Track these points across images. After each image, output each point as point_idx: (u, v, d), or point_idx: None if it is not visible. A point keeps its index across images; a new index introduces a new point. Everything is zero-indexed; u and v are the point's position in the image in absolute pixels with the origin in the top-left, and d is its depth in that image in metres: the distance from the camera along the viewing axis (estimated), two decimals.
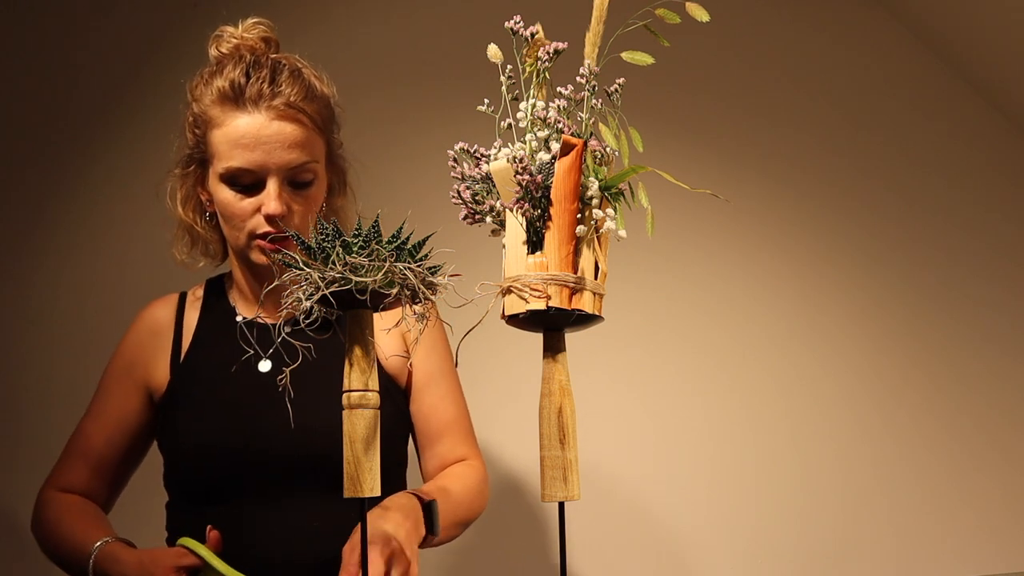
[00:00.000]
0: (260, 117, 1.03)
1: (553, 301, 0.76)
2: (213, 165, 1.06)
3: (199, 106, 1.06)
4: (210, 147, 1.06)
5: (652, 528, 1.71)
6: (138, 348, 1.15)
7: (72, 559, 1.01)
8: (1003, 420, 1.86)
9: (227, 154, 1.03)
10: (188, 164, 1.10)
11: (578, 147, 0.76)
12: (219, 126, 1.04)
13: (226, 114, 1.03)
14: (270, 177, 1.03)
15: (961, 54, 1.95)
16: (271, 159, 1.03)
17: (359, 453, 0.75)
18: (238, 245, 1.08)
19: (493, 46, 0.83)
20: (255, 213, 1.04)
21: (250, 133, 1.02)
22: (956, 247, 1.92)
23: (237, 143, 1.02)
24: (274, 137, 1.03)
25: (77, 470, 1.13)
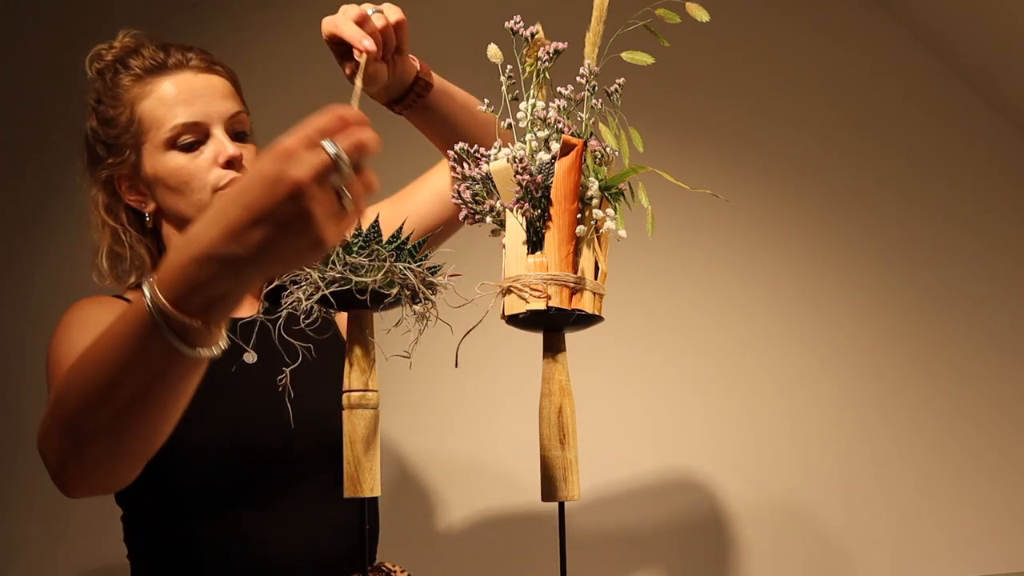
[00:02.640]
0: (187, 74, 1.04)
1: (553, 301, 0.76)
2: (151, 139, 1.03)
3: (113, 94, 1.05)
4: (143, 123, 1.03)
5: (652, 528, 1.71)
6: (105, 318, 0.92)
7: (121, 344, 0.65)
8: (1003, 420, 1.86)
9: (167, 115, 1.02)
10: (118, 153, 1.05)
11: (578, 147, 0.76)
12: (147, 96, 1.03)
13: (152, 84, 1.03)
14: (214, 127, 1.03)
15: (961, 54, 1.95)
16: (211, 108, 1.03)
17: (359, 453, 0.75)
18: (200, 208, 1.02)
19: (493, 46, 0.83)
20: (212, 167, 1.02)
21: (184, 88, 1.03)
22: (956, 247, 1.92)
23: (175, 101, 1.02)
24: (206, 88, 1.04)
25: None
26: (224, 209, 0.58)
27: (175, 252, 0.61)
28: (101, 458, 0.69)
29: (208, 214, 0.60)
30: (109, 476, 0.72)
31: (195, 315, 0.60)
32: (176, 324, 0.60)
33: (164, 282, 0.60)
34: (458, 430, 1.70)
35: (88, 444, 0.68)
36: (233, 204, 0.58)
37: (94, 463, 0.69)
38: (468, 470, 1.69)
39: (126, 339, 0.63)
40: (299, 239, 0.57)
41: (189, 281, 0.59)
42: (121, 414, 0.65)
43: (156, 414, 0.67)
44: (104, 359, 0.64)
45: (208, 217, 0.59)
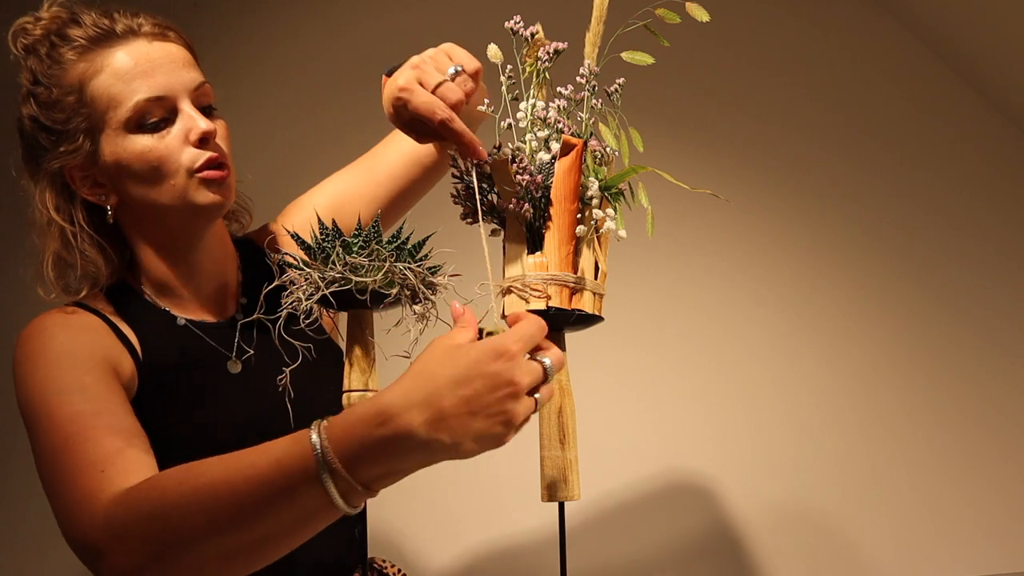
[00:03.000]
0: (140, 42, 0.89)
1: (553, 301, 0.76)
2: (109, 121, 0.88)
3: (54, 73, 0.89)
4: (97, 103, 0.88)
5: (652, 528, 1.71)
6: (87, 342, 0.88)
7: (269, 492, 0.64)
8: (1003, 420, 1.86)
9: (126, 92, 0.87)
10: (70, 140, 0.89)
11: (578, 147, 0.76)
12: (99, 71, 0.88)
13: (102, 56, 0.88)
14: (180, 101, 0.90)
15: (961, 54, 1.95)
16: (173, 79, 0.89)
17: None
18: (175, 196, 0.90)
19: (493, 46, 0.83)
20: (183, 146, 0.89)
21: (141, 59, 0.88)
22: (957, 247, 1.92)
23: (133, 75, 0.87)
24: (164, 57, 0.89)
25: (131, 459, 0.77)
26: (437, 396, 0.61)
27: (361, 418, 0.62)
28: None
29: (411, 391, 0.62)
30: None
31: (366, 484, 0.63)
32: (343, 485, 0.62)
33: (341, 442, 0.62)
34: None
35: (189, 566, 0.66)
36: (450, 394, 0.61)
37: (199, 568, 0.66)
38: (468, 470, 1.69)
39: (277, 484, 0.63)
40: (495, 436, 0.64)
41: (375, 454, 0.62)
42: (246, 548, 0.65)
43: (281, 550, 0.67)
44: (244, 494, 0.63)
45: (414, 397, 0.61)
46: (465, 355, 0.63)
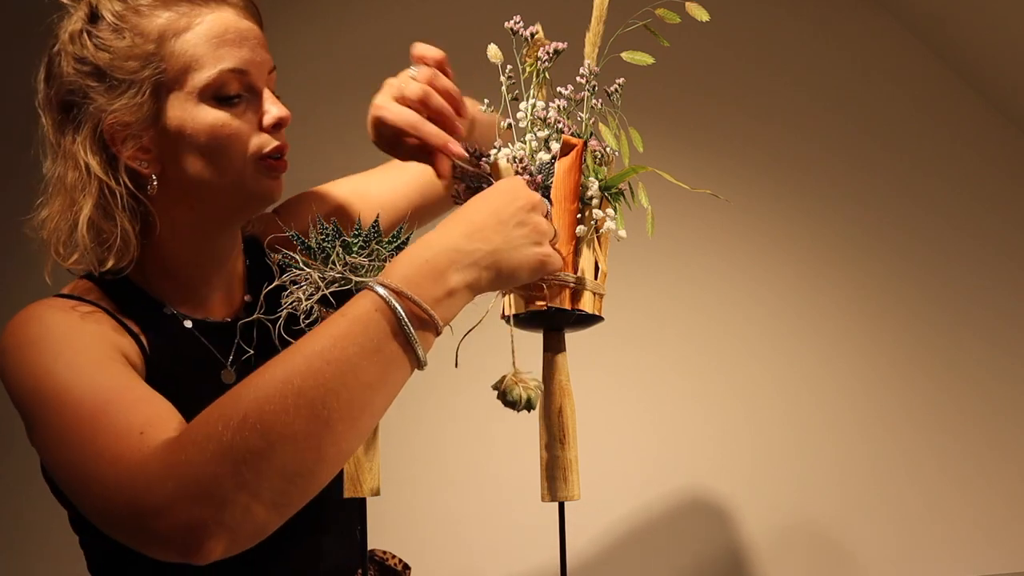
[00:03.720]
0: (229, 13, 0.83)
1: (553, 301, 0.76)
2: (184, 83, 0.80)
3: (127, 17, 0.80)
4: (175, 60, 0.79)
5: (652, 528, 1.71)
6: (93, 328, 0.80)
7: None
8: (1003, 420, 1.86)
9: (211, 57, 0.80)
10: (127, 94, 0.79)
11: (578, 147, 0.76)
12: (186, 29, 0.80)
13: (191, 14, 0.80)
14: (259, 82, 0.84)
15: (962, 54, 1.95)
16: (257, 57, 0.83)
17: (359, 453, 0.75)
18: (234, 180, 0.84)
19: (493, 46, 0.83)
20: (254, 130, 0.83)
21: (231, 27, 0.82)
22: (957, 247, 1.92)
23: (222, 40, 0.80)
24: (251, 32, 0.84)
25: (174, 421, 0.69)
26: (467, 214, 0.68)
27: (407, 252, 0.67)
28: (288, 490, 0.60)
29: (447, 224, 0.68)
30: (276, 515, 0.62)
31: (431, 304, 0.64)
32: (416, 322, 0.64)
33: (402, 279, 0.64)
34: (458, 430, 1.70)
35: (285, 471, 0.59)
36: (478, 210, 0.69)
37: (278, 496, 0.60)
38: (468, 470, 1.69)
39: (357, 342, 0.61)
40: (532, 244, 0.70)
41: (433, 278, 0.65)
42: (342, 428, 0.60)
43: (365, 425, 0.63)
44: (326, 366, 0.60)
45: (450, 224, 0.68)
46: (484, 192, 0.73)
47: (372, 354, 0.62)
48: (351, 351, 0.61)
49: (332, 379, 0.60)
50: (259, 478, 0.58)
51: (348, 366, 0.61)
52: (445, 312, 0.66)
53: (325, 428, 0.60)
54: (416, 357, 0.65)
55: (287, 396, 0.59)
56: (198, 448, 0.59)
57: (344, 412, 0.61)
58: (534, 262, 0.71)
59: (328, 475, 0.63)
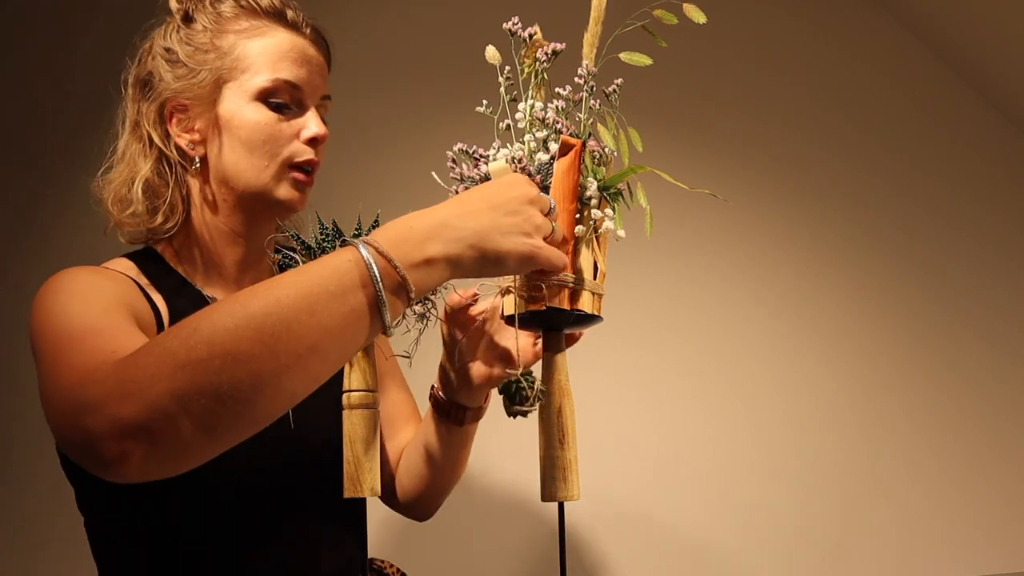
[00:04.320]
0: (302, 39, 0.95)
1: (552, 301, 0.76)
2: (242, 80, 0.91)
3: (213, 18, 0.93)
4: (242, 59, 0.92)
5: (652, 528, 1.71)
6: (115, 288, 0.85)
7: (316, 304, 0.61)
8: (1003, 420, 1.86)
9: (272, 65, 0.91)
10: (192, 76, 0.92)
11: (576, 147, 0.76)
12: (259, 36, 0.92)
13: (268, 28, 0.93)
14: (309, 100, 0.95)
15: (961, 54, 1.95)
16: (314, 79, 0.95)
17: (359, 453, 0.75)
18: (261, 178, 0.92)
19: (491, 48, 0.83)
20: (293, 139, 0.93)
21: (297, 48, 0.93)
22: (957, 247, 1.92)
23: (286, 55, 0.92)
24: (315, 60, 0.95)
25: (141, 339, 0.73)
26: (462, 198, 0.69)
27: (396, 222, 0.67)
28: (222, 411, 0.58)
29: (443, 202, 0.69)
30: (208, 439, 0.60)
31: (408, 266, 0.64)
32: (388, 280, 0.64)
33: (385, 239, 0.65)
34: None
35: (220, 387, 0.58)
36: (472, 194, 0.70)
37: (208, 416, 0.58)
38: (468, 470, 1.69)
39: (323, 285, 0.61)
40: (521, 234, 0.69)
41: (414, 243, 0.65)
42: (285, 360, 0.59)
43: (314, 369, 0.62)
44: (287, 298, 0.60)
45: (443, 203, 0.69)
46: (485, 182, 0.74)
47: (335, 299, 0.61)
48: (315, 290, 0.61)
49: (288, 311, 0.60)
50: (191, 388, 0.57)
51: (307, 303, 0.60)
52: (419, 278, 0.65)
53: (269, 356, 0.59)
54: (380, 316, 0.63)
55: (240, 317, 0.59)
56: (145, 351, 0.60)
57: (292, 345, 0.59)
58: (522, 251, 0.69)
59: (263, 410, 0.60)
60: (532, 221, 0.70)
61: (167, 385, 0.57)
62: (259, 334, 0.59)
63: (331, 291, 0.61)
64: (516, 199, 0.70)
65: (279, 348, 0.59)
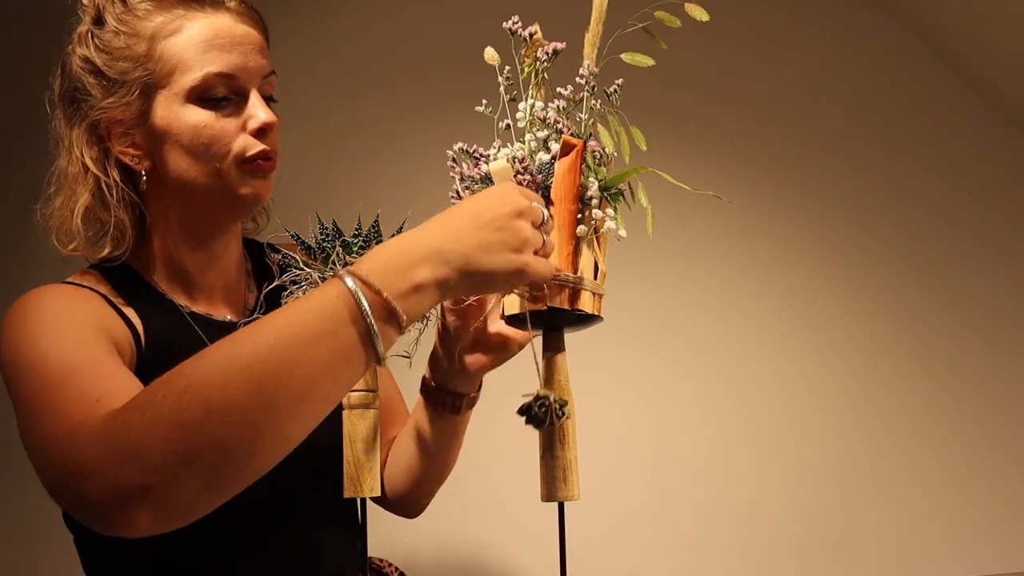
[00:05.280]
0: (224, 17, 0.85)
1: (553, 301, 0.76)
2: (171, 84, 0.83)
3: (126, 19, 0.84)
4: (164, 62, 0.83)
5: (652, 528, 1.71)
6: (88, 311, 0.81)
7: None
8: (1003, 420, 1.86)
9: (198, 60, 0.83)
10: (122, 92, 0.84)
11: (578, 147, 0.76)
12: (176, 32, 0.83)
13: (183, 18, 0.84)
14: (249, 85, 0.86)
15: (961, 54, 1.95)
16: (249, 62, 0.85)
17: (359, 453, 0.75)
18: (216, 179, 0.86)
19: (490, 49, 0.83)
20: (239, 132, 0.85)
21: (222, 32, 0.84)
22: (957, 247, 1.92)
23: (211, 44, 0.83)
24: (245, 38, 0.86)
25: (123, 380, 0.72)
26: (449, 216, 0.66)
27: (382, 249, 0.64)
28: (224, 467, 0.57)
29: (428, 220, 0.65)
30: (212, 494, 0.59)
31: (396, 297, 0.62)
32: (378, 312, 0.61)
33: (369, 270, 0.62)
34: None
35: (222, 445, 0.56)
36: (459, 212, 0.66)
37: (211, 472, 0.57)
38: (468, 470, 1.69)
39: (315, 325, 0.59)
40: (510, 250, 0.66)
41: (400, 271, 0.62)
42: (286, 406, 0.58)
43: (311, 414, 0.61)
44: (278, 344, 0.58)
45: (429, 221, 0.65)
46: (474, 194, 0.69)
47: (327, 338, 0.59)
48: (306, 332, 0.59)
49: (282, 357, 0.58)
50: (193, 447, 0.56)
51: (301, 347, 0.58)
52: (410, 307, 0.63)
53: (268, 405, 0.57)
54: (374, 348, 0.61)
55: (232, 369, 0.57)
56: (137, 412, 0.58)
57: (290, 392, 0.58)
58: (510, 269, 0.66)
59: (267, 459, 0.59)
60: (519, 235, 0.67)
61: (167, 446, 0.56)
62: (254, 386, 0.57)
63: (322, 330, 0.59)
64: (504, 215, 0.66)
65: (276, 397, 0.58)
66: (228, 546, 0.87)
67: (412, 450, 1.03)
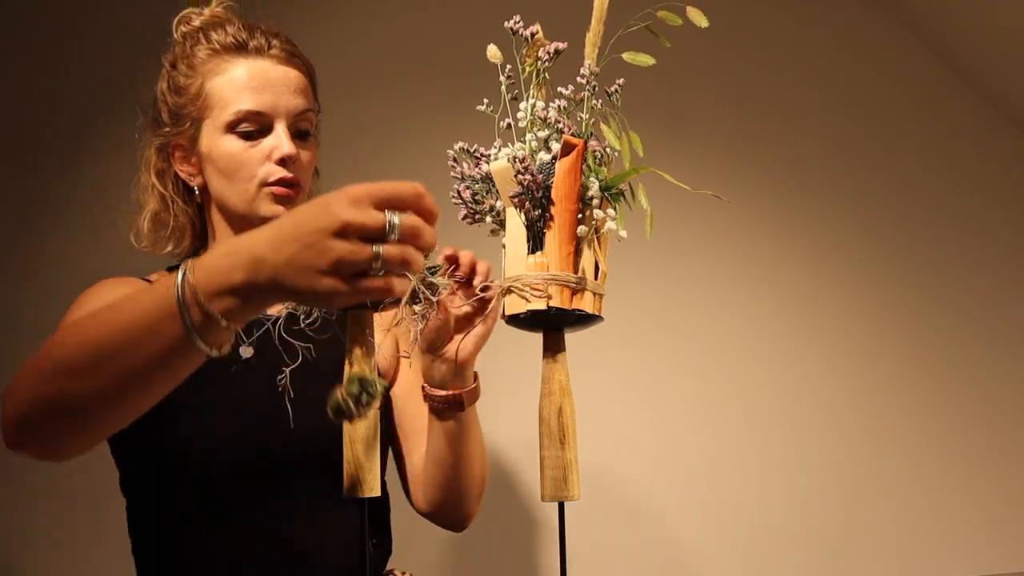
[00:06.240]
0: (265, 62, 1.02)
1: (554, 301, 0.76)
2: (212, 118, 1.01)
3: (191, 61, 1.03)
4: (209, 99, 1.01)
5: (652, 528, 1.71)
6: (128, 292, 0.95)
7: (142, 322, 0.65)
8: (1003, 420, 1.86)
9: (234, 98, 1.00)
10: (178, 123, 1.04)
11: (579, 147, 0.76)
12: (221, 74, 1.01)
13: (228, 62, 1.02)
14: (277, 122, 1.01)
15: (961, 54, 1.95)
16: (280, 101, 1.01)
17: (359, 453, 0.75)
18: (245, 200, 1.01)
19: (492, 47, 0.83)
20: (264, 161, 1.00)
21: (257, 75, 1.01)
22: (956, 247, 1.92)
23: (245, 86, 1.00)
24: (281, 80, 1.02)
25: None
26: (282, 220, 0.63)
27: (224, 245, 0.65)
28: (64, 418, 0.68)
29: (269, 224, 0.64)
30: (59, 440, 0.70)
31: (209, 296, 0.62)
32: (194, 310, 0.63)
33: (200, 266, 0.63)
34: None
35: (61, 398, 0.66)
36: (289, 217, 0.63)
37: (55, 421, 0.68)
38: None
39: (145, 311, 0.64)
40: (317, 272, 0.60)
41: (222, 272, 0.63)
42: (110, 381, 0.65)
43: (138, 394, 0.67)
44: (116, 321, 0.65)
45: (268, 225, 0.64)
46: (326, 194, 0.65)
47: (158, 326, 0.64)
48: (145, 318, 0.64)
49: (117, 338, 0.65)
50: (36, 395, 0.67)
51: (134, 333, 0.64)
52: (228, 307, 0.63)
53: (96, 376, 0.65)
54: (191, 340, 0.63)
55: (81, 337, 0.66)
56: (34, 356, 0.70)
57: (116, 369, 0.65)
58: (319, 291, 0.61)
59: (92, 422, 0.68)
60: (328, 257, 0.60)
61: (27, 391, 0.68)
62: (92, 356, 0.65)
63: (155, 318, 0.64)
64: (317, 231, 0.60)
65: (106, 370, 0.65)
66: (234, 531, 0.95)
67: (435, 460, 1.04)
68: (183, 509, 0.96)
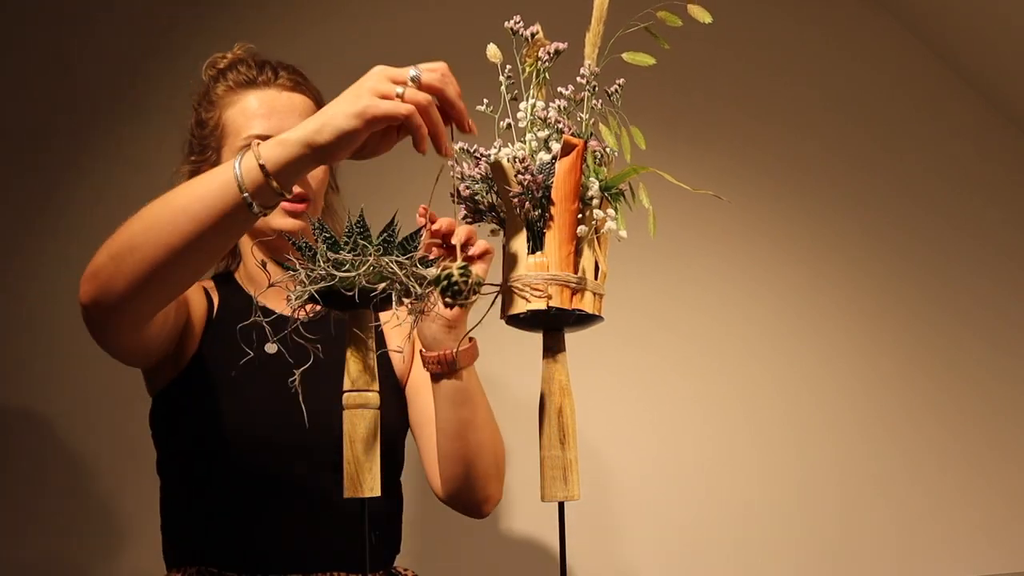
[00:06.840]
0: (272, 91, 1.14)
1: (554, 301, 0.76)
2: (229, 144, 1.13)
3: (211, 97, 1.16)
4: (226, 127, 1.13)
5: (652, 528, 1.71)
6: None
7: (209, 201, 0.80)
8: (1003, 420, 1.86)
9: (245, 125, 1.11)
10: (203, 152, 1.16)
11: (579, 147, 0.76)
12: (234, 104, 1.13)
13: (240, 95, 1.14)
14: None
15: (961, 54, 1.95)
16: (285, 124, 1.08)
17: (359, 453, 0.75)
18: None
19: (492, 46, 0.83)
20: None
21: (265, 103, 1.12)
22: (956, 247, 1.92)
23: (255, 113, 1.12)
24: (286, 105, 1.13)
25: None
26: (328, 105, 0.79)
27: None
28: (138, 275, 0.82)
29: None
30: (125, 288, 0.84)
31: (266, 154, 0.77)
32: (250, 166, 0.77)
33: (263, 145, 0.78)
34: None
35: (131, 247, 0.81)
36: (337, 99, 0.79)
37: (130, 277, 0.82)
38: None
39: (206, 179, 0.80)
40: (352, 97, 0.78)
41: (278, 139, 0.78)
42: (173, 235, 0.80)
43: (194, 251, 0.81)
44: (184, 189, 0.81)
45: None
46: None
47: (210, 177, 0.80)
48: (199, 179, 0.81)
49: (174, 194, 0.81)
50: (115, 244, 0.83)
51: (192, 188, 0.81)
52: (273, 154, 0.78)
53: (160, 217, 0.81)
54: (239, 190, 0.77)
55: (146, 210, 0.82)
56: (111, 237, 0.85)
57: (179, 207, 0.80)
58: (348, 111, 0.77)
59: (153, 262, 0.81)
60: (364, 85, 0.79)
61: (104, 247, 0.84)
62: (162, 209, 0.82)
63: (217, 184, 0.79)
64: (362, 81, 0.80)
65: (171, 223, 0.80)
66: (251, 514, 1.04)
67: (442, 430, 1.11)
68: (215, 491, 1.05)
